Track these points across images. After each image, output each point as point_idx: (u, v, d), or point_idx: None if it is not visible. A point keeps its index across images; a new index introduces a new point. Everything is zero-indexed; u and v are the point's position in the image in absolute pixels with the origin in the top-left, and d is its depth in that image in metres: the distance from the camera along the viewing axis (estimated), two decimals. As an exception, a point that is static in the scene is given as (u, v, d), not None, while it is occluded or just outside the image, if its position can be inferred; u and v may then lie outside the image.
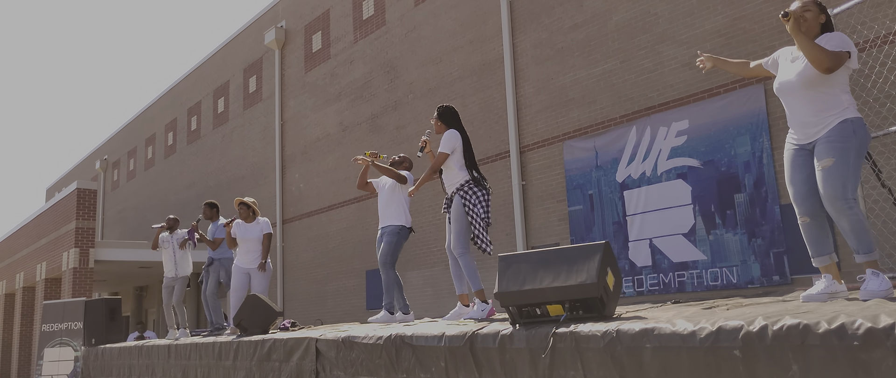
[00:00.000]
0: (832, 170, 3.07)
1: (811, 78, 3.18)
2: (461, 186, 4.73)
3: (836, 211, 3.07)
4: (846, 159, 3.07)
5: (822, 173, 3.10)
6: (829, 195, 3.08)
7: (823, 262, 3.26)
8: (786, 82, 3.31)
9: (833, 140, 3.11)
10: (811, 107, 3.20)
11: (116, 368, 7.52)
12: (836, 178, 3.06)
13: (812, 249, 3.29)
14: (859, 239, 3.06)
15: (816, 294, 3.17)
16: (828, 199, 3.08)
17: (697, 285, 7.69)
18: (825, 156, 3.10)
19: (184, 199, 19.41)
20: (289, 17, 15.70)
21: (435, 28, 11.66)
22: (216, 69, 18.62)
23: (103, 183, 25.39)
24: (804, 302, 3.18)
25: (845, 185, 3.05)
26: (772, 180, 7.21)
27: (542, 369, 3.12)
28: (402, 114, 12.20)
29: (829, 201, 3.08)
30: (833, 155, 3.08)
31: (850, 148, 3.08)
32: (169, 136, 20.99)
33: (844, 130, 3.10)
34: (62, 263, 14.86)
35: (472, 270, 4.69)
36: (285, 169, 15.17)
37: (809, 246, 3.30)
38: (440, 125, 4.91)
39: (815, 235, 3.27)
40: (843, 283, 3.23)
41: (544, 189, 9.53)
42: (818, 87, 3.18)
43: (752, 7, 7.57)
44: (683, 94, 8.07)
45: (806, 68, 3.21)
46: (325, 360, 4.40)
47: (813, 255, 3.29)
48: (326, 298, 13.55)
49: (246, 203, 6.99)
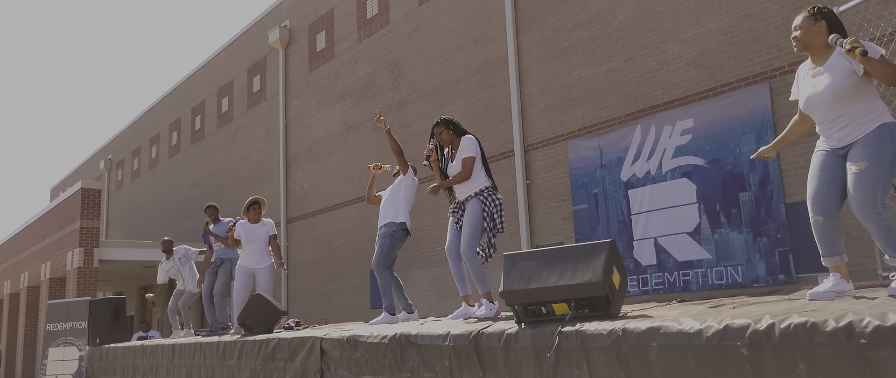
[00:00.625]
0: (864, 174, 3.02)
1: (844, 89, 3.13)
2: (481, 191, 4.70)
3: (864, 216, 3.02)
4: (880, 164, 3.01)
5: (854, 177, 3.05)
6: (857, 199, 3.02)
7: (834, 262, 3.22)
8: (815, 96, 3.24)
9: (869, 144, 3.05)
10: (847, 115, 3.15)
11: (120, 368, 7.53)
12: (867, 182, 3.01)
13: (823, 249, 3.25)
14: (888, 242, 3.00)
15: (823, 292, 3.15)
16: (856, 203, 3.03)
17: (702, 284, 7.66)
18: (859, 159, 3.05)
19: (188, 198, 19.45)
20: (293, 17, 15.71)
21: (439, 27, 11.65)
22: (220, 69, 18.65)
23: (107, 183, 25.46)
24: (810, 300, 3.16)
25: (875, 190, 3.00)
26: (777, 179, 7.18)
27: (546, 368, 3.11)
28: (406, 113, 12.20)
29: (856, 206, 3.03)
30: (867, 159, 3.03)
31: (886, 153, 3.03)
32: (173, 135, 21.03)
33: (881, 135, 3.05)
34: (67, 263, 14.90)
35: (480, 274, 4.66)
36: (289, 168, 15.18)
37: (821, 245, 3.26)
38: (449, 135, 4.86)
39: (827, 236, 3.22)
40: (851, 283, 3.20)
41: (549, 188, 9.51)
42: (852, 98, 3.13)
43: (756, 5, 7.54)
44: (688, 93, 8.04)
45: (836, 80, 3.15)
46: (330, 360, 4.39)
47: (824, 254, 3.25)
48: (330, 298, 13.56)
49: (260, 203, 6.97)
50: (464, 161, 4.72)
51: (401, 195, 5.61)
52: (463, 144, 4.78)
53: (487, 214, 4.63)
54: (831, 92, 3.16)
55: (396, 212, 5.53)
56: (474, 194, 4.72)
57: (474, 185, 4.74)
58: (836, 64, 3.18)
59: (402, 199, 5.59)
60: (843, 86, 3.13)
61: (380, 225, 5.60)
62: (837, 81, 3.14)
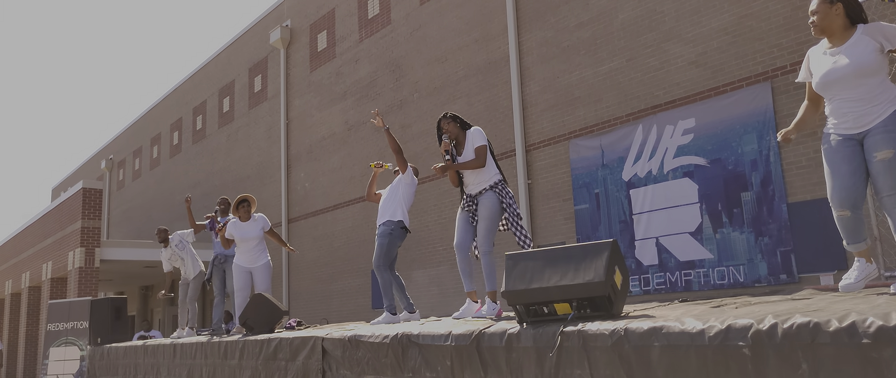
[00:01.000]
0: (892, 162, 2.99)
1: (866, 66, 3.12)
2: (496, 184, 4.65)
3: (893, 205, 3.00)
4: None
5: (881, 165, 3.02)
6: (888, 188, 3.00)
7: (859, 247, 3.22)
8: (836, 71, 3.20)
9: (890, 130, 3.02)
10: (865, 95, 3.13)
11: (122, 368, 7.54)
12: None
13: (849, 238, 3.23)
14: None
15: (854, 283, 3.16)
16: (886, 192, 3.01)
17: (704, 284, 7.65)
18: (884, 147, 3.01)
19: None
20: (294, 17, 15.71)
21: (440, 27, 11.65)
22: (221, 69, 18.66)
23: (108, 182, 25.48)
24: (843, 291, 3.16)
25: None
26: (779, 178, 7.17)
27: (548, 368, 3.10)
28: (407, 113, 12.20)
29: (887, 195, 3.01)
30: (892, 146, 3.00)
31: None
32: (174, 135, 21.05)
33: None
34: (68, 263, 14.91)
35: (492, 270, 4.61)
36: (291, 168, 15.18)
37: (846, 235, 3.24)
38: (456, 128, 4.81)
39: (853, 227, 3.20)
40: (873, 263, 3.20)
41: (550, 188, 9.51)
42: (872, 76, 3.12)
43: (758, 5, 7.53)
44: (690, 93, 8.03)
45: (858, 59, 3.14)
46: (332, 359, 4.39)
47: (849, 242, 3.24)
48: (332, 298, 13.56)
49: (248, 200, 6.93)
50: (477, 150, 4.66)
51: (399, 194, 5.59)
52: (472, 135, 4.73)
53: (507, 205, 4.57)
54: (855, 67, 3.14)
55: (394, 210, 5.51)
56: (489, 187, 4.64)
57: (488, 178, 4.66)
58: (860, 41, 3.18)
59: (400, 198, 5.57)
60: (868, 61, 3.11)
61: (378, 224, 5.58)
62: (863, 57, 3.13)
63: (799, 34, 7.16)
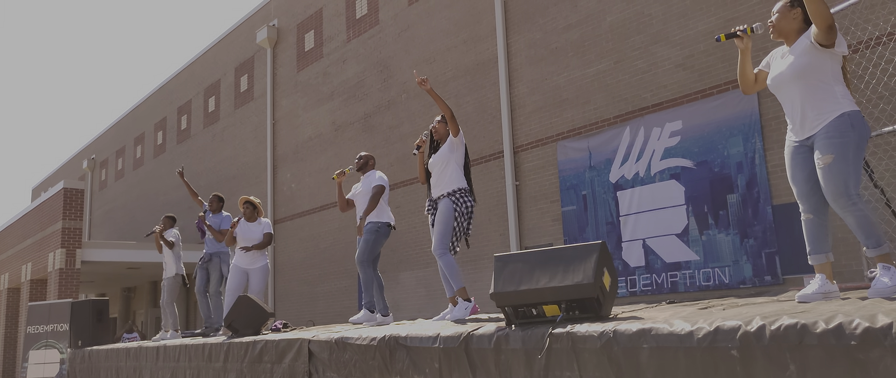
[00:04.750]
0: (832, 167, 3.04)
1: (803, 67, 3.16)
2: (454, 192, 4.71)
3: (841, 208, 3.05)
4: (845, 155, 3.03)
5: (823, 171, 3.07)
6: (831, 193, 3.05)
7: (819, 260, 3.24)
8: (778, 75, 3.29)
9: (831, 135, 3.07)
10: (805, 99, 3.17)
11: (104, 371, 7.44)
12: (838, 175, 3.03)
13: (810, 246, 3.27)
14: (867, 234, 3.02)
15: (812, 294, 3.16)
16: (831, 196, 3.06)
17: (690, 286, 7.70)
18: (825, 152, 3.07)
19: (173, 199, 19.27)
20: (281, 16, 15.62)
21: (429, 27, 11.63)
22: (207, 68, 18.51)
23: (90, 182, 25.18)
24: (799, 302, 3.17)
25: (847, 181, 3.02)
26: (764, 181, 7.23)
27: (537, 370, 3.09)
28: (395, 113, 12.16)
29: (832, 199, 3.06)
30: (832, 151, 3.05)
31: (849, 143, 3.04)
32: (158, 135, 20.85)
33: (842, 125, 3.06)
34: (48, 264, 14.70)
35: (452, 270, 4.69)
36: (277, 169, 15.09)
37: (808, 242, 3.28)
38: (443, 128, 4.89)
39: (816, 233, 3.25)
40: (835, 284, 3.21)
41: (538, 189, 9.52)
42: (810, 77, 3.15)
43: (744, 8, 7.59)
44: (677, 95, 8.08)
45: (797, 59, 3.19)
46: (318, 362, 4.35)
47: (810, 251, 3.28)
48: (318, 299, 13.49)
49: (252, 202, 6.95)
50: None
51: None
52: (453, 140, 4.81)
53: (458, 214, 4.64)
54: (792, 70, 3.20)
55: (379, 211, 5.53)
56: (447, 193, 4.72)
57: (450, 184, 4.73)
58: (799, 44, 3.22)
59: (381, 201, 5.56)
60: (803, 63, 3.15)
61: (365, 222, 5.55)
62: (798, 59, 3.18)
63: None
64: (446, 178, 4.74)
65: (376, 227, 5.47)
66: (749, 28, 3.34)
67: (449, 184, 4.73)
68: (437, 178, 4.80)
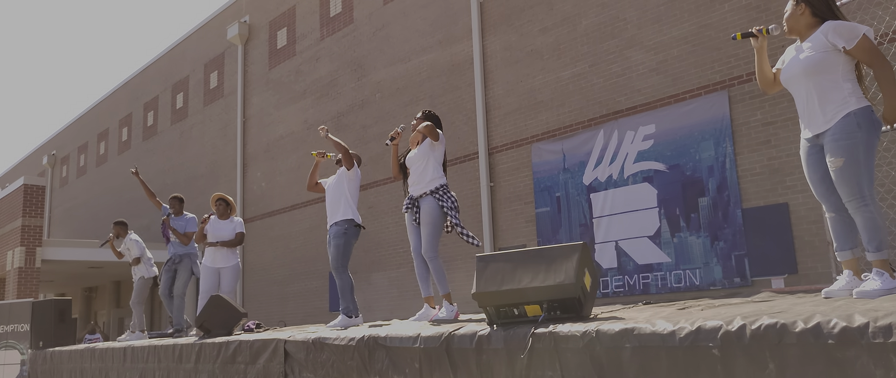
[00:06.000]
0: (844, 170, 3.07)
1: (812, 66, 3.19)
2: (436, 189, 4.66)
3: (854, 209, 3.09)
4: (856, 157, 3.06)
5: (835, 174, 3.11)
6: (845, 195, 3.10)
7: (845, 256, 3.27)
8: (787, 71, 3.33)
9: (838, 138, 3.10)
10: (814, 95, 3.20)
11: (67, 372, 7.22)
12: (850, 178, 3.06)
13: (836, 243, 3.31)
14: (870, 236, 3.07)
15: (837, 290, 3.19)
16: (845, 198, 3.11)
17: (661, 287, 7.81)
18: (835, 155, 3.10)
19: (138, 196, 18.84)
20: (253, 12, 15.41)
21: (404, 27, 11.59)
22: (175, 63, 18.16)
23: (51, 179, 24.50)
24: (825, 298, 3.20)
25: (860, 183, 3.06)
26: (734, 185, 7.38)
27: (519, 370, 3.09)
28: (368, 113, 12.09)
29: (846, 200, 3.11)
30: (841, 154, 3.08)
31: (858, 144, 3.07)
32: (123, 131, 20.37)
33: (848, 126, 3.09)
34: (7, 263, 14.25)
35: (441, 274, 4.62)
36: (247, 167, 14.87)
37: (834, 239, 3.32)
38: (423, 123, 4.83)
39: (840, 230, 3.28)
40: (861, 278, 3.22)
41: (512, 191, 9.56)
42: (819, 75, 3.18)
43: (717, 16, 7.74)
44: (651, 99, 8.19)
45: (809, 56, 3.22)
46: (294, 362, 4.29)
47: (837, 248, 3.31)
48: (288, 300, 13.32)
49: (226, 199, 6.84)
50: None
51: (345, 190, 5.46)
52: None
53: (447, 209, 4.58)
54: (803, 65, 3.22)
55: (344, 209, 5.42)
56: (430, 192, 4.65)
57: (430, 182, 4.66)
58: (815, 39, 3.23)
59: (347, 195, 5.47)
60: (816, 60, 3.18)
61: (329, 224, 5.49)
62: (812, 55, 3.20)
63: (755, 45, 7.38)
64: (428, 177, 4.68)
65: (344, 228, 5.36)
66: (765, 28, 3.41)
67: (431, 182, 4.68)
68: (418, 175, 4.73)
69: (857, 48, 3.11)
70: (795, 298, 3.58)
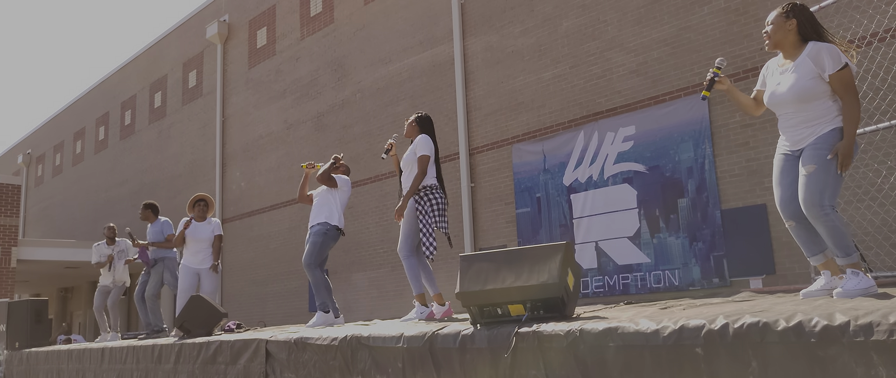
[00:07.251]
0: (813, 176, 3.10)
1: (803, 93, 3.18)
2: (419, 190, 4.69)
3: (813, 217, 3.12)
4: (828, 168, 3.09)
5: (804, 179, 3.13)
6: (805, 200, 3.12)
7: (819, 260, 3.29)
8: (779, 95, 3.28)
9: (819, 147, 3.13)
10: (803, 117, 3.22)
11: (44, 373, 7.09)
12: (815, 185, 3.09)
13: (805, 250, 3.33)
14: (837, 243, 3.10)
15: (816, 290, 3.22)
16: (804, 203, 3.12)
17: (641, 287, 7.87)
18: (809, 162, 3.13)
19: (116, 196, 18.56)
20: (232, 11, 15.26)
21: (385, 28, 11.56)
22: (153, 62, 17.91)
23: (26, 178, 24.04)
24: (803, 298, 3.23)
25: (823, 192, 3.08)
26: (713, 186, 7.47)
27: (502, 369, 3.09)
28: (349, 113, 12.04)
29: (805, 206, 3.12)
30: (816, 162, 3.11)
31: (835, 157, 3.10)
32: (100, 130, 20.05)
33: (832, 138, 3.13)
34: (-20, 263, 13.94)
35: (413, 274, 4.68)
36: (226, 167, 14.71)
37: (802, 247, 3.34)
38: (414, 129, 4.83)
39: (804, 237, 3.30)
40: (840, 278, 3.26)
41: (493, 191, 9.57)
42: (813, 100, 3.19)
43: (697, 19, 7.83)
44: (631, 101, 8.26)
45: (798, 82, 3.19)
46: (276, 363, 4.24)
47: (807, 254, 3.33)
48: (267, 300, 13.21)
49: (206, 200, 6.80)
50: (419, 160, 4.68)
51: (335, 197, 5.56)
52: (418, 142, 4.76)
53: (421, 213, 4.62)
54: (794, 93, 3.20)
55: (330, 214, 5.49)
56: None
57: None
58: (803, 64, 3.21)
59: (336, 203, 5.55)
60: (806, 88, 3.17)
61: (311, 224, 5.53)
62: (801, 82, 3.18)
63: (734, 47, 7.48)
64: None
65: (325, 229, 5.42)
66: (717, 69, 3.38)
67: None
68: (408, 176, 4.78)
69: (836, 76, 3.12)
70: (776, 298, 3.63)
